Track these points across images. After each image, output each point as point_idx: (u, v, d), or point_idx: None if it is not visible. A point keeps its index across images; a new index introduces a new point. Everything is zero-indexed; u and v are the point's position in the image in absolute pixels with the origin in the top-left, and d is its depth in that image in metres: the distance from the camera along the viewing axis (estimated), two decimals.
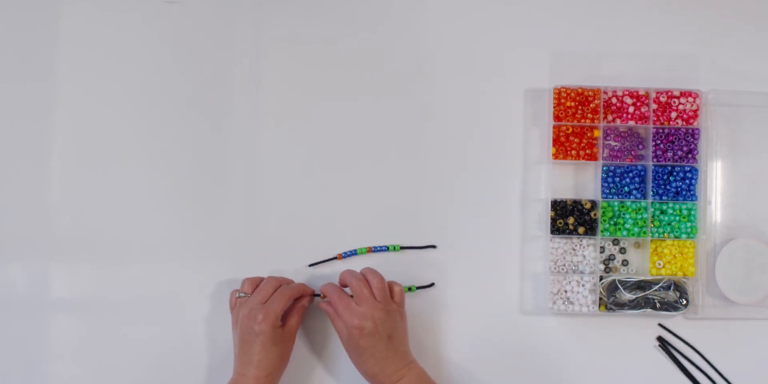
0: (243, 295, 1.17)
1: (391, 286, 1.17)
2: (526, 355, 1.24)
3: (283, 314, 1.15)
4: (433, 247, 1.25)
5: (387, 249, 1.24)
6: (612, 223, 1.23)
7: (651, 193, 1.23)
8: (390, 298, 1.16)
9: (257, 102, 1.27)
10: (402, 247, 1.24)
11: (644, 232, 1.23)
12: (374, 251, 1.24)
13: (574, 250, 1.24)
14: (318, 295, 1.21)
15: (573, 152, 1.24)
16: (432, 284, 1.24)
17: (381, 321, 1.12)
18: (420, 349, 1.23)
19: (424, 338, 1.24)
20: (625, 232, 1.22)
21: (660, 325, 1.24)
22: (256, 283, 1.18)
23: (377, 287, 1.15)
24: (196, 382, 1.23)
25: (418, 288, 1.24)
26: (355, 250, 1.24)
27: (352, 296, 1.15)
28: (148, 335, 1.23)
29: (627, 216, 1.23)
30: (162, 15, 1.27)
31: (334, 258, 1.24)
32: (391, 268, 1.24)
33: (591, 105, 1.23)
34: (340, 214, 1.25)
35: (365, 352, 1.12)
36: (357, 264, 1.24)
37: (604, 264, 1.24)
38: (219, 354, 1.23)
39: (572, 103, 1.23)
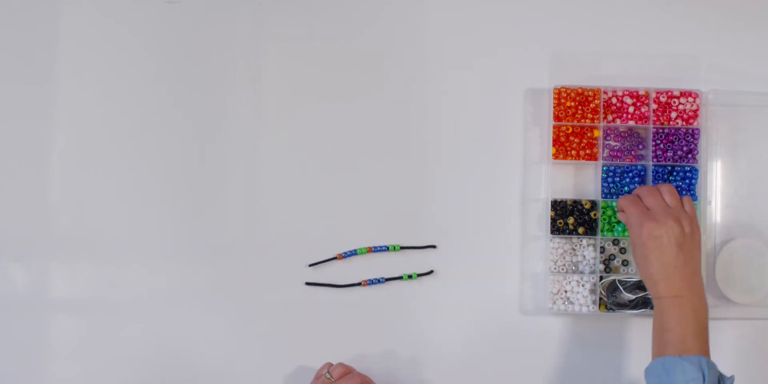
0: (329, 376, 1.15)
1: (682, 199, 1.17)
2: (526, 355, 1.24)
3: None
4: (433, 247, 1.25)
5: (387, 249, 1.24)
6: (612, 223, 1.23)
7: None
8: (681, 207, 1.15)
9: (257, 102, 1.27)
10: (402, 247, 1.24)
11: None
12: (374, 251, 1.24)
13: (574, 250, 1.23)
14: None
15: (573, 152, 1.24)
16: (431, 271, 1.24)
17: (668, 225, 1.12)
18: (420, 347, 1.23)
19: (423, 337, 1.24)
20: (625, 232, 1.22)
21: None
22: (347, 372, 1.16)
23: (666, 191, 1.15)
24: (195, 382, 1.23)
25: (419, 275, 1.24)
26: (355, 250, 1.24)
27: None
28: (148, 335, 1.23)
29: None
30: (162, 15, 1.27)
31: (334, 258, 1.24)
32: (391, 268, 1.24)
33: (591, 105, 1.23)
34: (340, 214, 1.25)
35: (651, 254, 1.12)
36: (357, 264, 1.24)
37: (604, 264, 1.24)
38: (218, 354, 1.23)
39: (572, 103, 1.23)
